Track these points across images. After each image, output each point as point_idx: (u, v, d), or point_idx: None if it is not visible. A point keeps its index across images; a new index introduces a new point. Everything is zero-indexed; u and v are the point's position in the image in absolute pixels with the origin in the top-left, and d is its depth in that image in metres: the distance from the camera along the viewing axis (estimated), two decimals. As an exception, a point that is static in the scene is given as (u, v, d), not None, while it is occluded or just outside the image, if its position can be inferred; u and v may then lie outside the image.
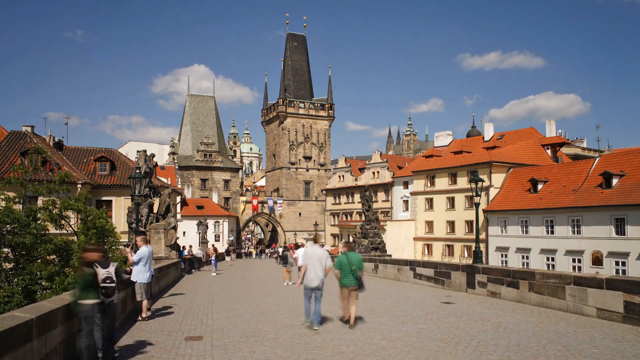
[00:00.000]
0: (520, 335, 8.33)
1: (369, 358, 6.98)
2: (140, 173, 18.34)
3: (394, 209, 56.36)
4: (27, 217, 17.01)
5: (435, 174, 48.97)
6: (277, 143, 79.37)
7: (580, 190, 35.39)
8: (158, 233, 24.76)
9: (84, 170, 34.23)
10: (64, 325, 6.16)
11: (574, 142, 60.56)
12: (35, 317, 5.14)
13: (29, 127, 34.56)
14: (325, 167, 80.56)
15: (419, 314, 10.94)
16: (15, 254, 16.33)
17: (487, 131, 54.15)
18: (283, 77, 79.63)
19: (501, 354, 7.11)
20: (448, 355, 7.05)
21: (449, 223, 46.49)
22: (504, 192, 41.59)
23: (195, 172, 73.61)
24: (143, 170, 23.71)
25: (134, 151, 55.06)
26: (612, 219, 32.18)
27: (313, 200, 79.03)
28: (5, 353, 4.41)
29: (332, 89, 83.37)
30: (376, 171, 61.21)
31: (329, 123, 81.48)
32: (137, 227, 15.97)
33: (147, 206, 24.46)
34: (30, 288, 15.53)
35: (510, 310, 11.14)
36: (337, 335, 8.53)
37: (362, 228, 29.88)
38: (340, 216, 67.61)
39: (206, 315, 11.14)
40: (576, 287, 10.40)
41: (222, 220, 65.51)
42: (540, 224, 37.07)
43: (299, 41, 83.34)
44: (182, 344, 7.99)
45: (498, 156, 43.99)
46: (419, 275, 18.35)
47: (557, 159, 46.97)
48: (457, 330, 8.92)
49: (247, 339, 8.36)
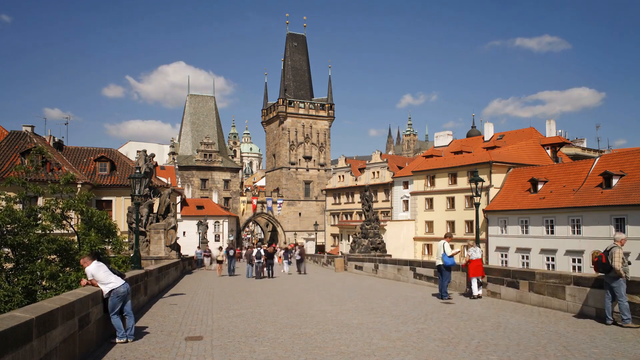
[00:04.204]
0: (520, 335, 8.33)
1: (369, 358, 6.98)
2: (140, 173, 18.30)
3: (394, 209, 56.37)
4: (28, 217, 17.04)
5: (435, 174, 48.99)
6: (277, 143, 79.38)
7: (580, 190, 35.40)
8: (158, 233, 24.79)
9: (84, 170, 34.24)
10: (64, 325, 6.16)
11: (574, 142, 60.60)
12: (35, 317, 5.14)
13: (29, 127, 34.58)
14: (325, 167, 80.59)
15: (419, 314, 10.94)
16: (15, 254, 16.34)
17: (487, 131, 54.19)
18: (283, 77, 79.66)
19: (501, 354, 7.11)
20: (448, 356, 7.05)
21: (449, 223, 46.49)
22: (504, 192, 41.60)
23: (195, 172, 73.64)
24: (143, 170, 23.73)
25: (134, 151, 55.06)
26: (612, 219, 32.19)
27: (313, 200, 79.06)
28: (5, 353, 4.41)
29: (332, 89, 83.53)
30: (376, 171, 61.21)
31: (329, 123, 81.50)
32: (137, 227, 15.96)
33: (147, 206, 24.49)
34: (30, 288, 15.55)
35: (510, 310, 11.14)
36: (337, 335, 8.54)
37: (362, 228, 29.88)
38: (340, 216, 67.61)
39: (206, 315, 11.14)
40: (576, 287, 10.40)
41: (222, 220, 65.53)
42: (540, 224, 37.07)
43: (299, 41, 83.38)
44: (182, 344, 7.99)
45: (498, 156, 44.01)
46: (419, 275, 18.36)
47: (557, 159, 46.99)
48: (457, 330, 8.92)
49: (247, 339, 8.36)
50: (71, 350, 6.39)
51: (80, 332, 6.81)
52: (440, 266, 13.49)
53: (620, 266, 8.57)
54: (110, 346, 7.75)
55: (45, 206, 17.99)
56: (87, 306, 7.24)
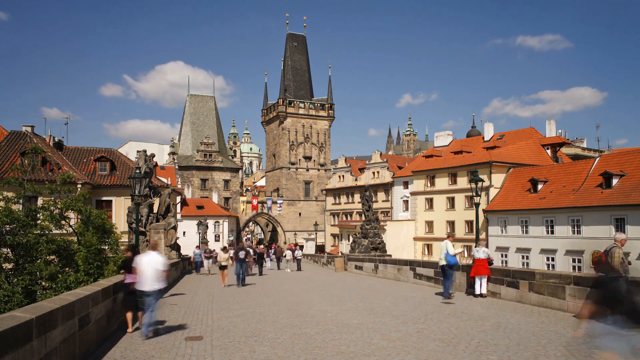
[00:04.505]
0: (520, 335, 8.33)
1: (369, 358, 6.98)
2: (140, 173, 18.32)
3: (394, 209, 56.37)
4: (27, 217, 17.03)
5: (435, 174, 48.98)
6: (277, 143, 79.38)
7: (580, 190, 35.40)
8: (158, 233, 24.78)
9: (84, 170, 34.23)
10: (64, 325, 6.16)
11: (574, 142, 60.59)
12: (35, 317, 5.14)
13: (29, 127, 34.54)
14: (325, 167, 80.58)
15: (419, 314, 10.94)
16: (15, 254, 16.34)
17: (487, 131, 54.18)
18: (283, 77, 79.65)
19: (501, 354, 7.11)
20: (448, 355, 7.05)
21: (449, 223, 46.49)
22: (504, 192, 41.59)
23: (195, 172, 73.64)
24: (143, 170, 23.73)
25: (134, 151, 55.06)
26: (612, 219, 32.18)
27: (313, 200, 79.05)
28: (5, 353, 4.41)
29: (332, 89, 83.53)
30: (376, 171, 61.22)
31: (329, 123, 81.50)
32: (137, 227, 15.97)
33: (147, 206, 24.48)
34: (30, 288, 15.55)
35: (510, 310, 11.14)
36: (337, 335, 8.54)
37: (362, 228, 29.89)
38: (340, 216, 67.61)
39: (206, 315, 11.14)
40: (576, 287, 10.41)
41: (222, 220, 65.52)
42: (540, 224, 37.07)
43: (299, 41, 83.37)
44: (182, 344, 7.99)
45: (498, 156, 44.00)
46: (419, 275, 18.36)
47: (557, 159, 46.97)
48: (457, 330, 8.92)
49: (247, 339, 8.37)
50: (71, 350, 6.39)
51: (80, 332, 6.81)
52: (444, 266, 13.64)
53: (620, 266, 8.58)
54: (111, 346, 7.76)
55: (44, 206, 17.97)
56: (87, 306, 7.25)
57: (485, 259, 13.49)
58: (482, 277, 13.36)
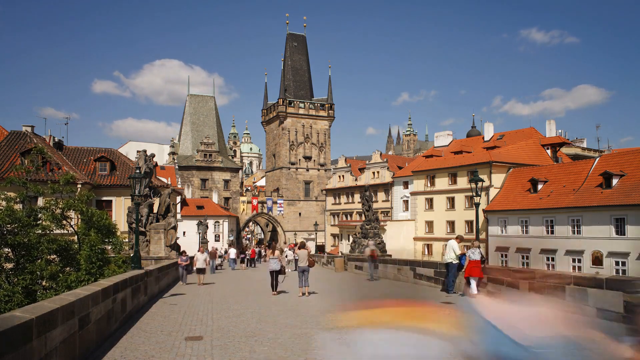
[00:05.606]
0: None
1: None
2: (140, 173, 18.32)
3: (394, 209, 56.37)
4: (28, 217, 17.05)
5: (435, 174, 48.99)
6: (277, 143, 79.39)
7: (580, 190, 35.40)
8: (158, 233, 24.79)
9: (84, 170, 34.24)
10: (64, 325, 6.16)
11: (574, 142, 60.58)
12: (35, 317, 5.14)
13: (29, 127, 34.57)
14: (325, 167, 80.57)
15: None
16: (15, 254, 16.35)
17: (487, 131, 54.18)
18: (283, 77, 79.64)
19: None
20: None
21: (449, 223, 46.49)
22: (504, 192, 41.60)
23: (195, 172, 73.64)
24: (143, 170, 23.74)
25: (134, 151, 55.04)
26: (612, 219, 32.18)
27: (313, 200, 79.04)
28: (5, 353, 4.41)
29: (332, 89, 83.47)
30: (376, 171, 61.22)
31: (329, 123, 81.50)
32: (137, 227, 15.96)
33: (147, 206, 24.50)
34: (30, 288, 15.56)
35: (510, 310, 11.12)
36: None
37: (362, 228, 29.86)
38: (340, 216, 67.62)
39: (206, 315, 11.14)
40: (576, 287, 10.40)
41: (222, 221, 65.53)
42: (540, 224, 37.07)
43: (299, 41, 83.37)
44: (182, 344, 7.99)
45: (498, 156, 44.00)
46: (419, 275, 18.35)
47: (557, 159, 46.97)
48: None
49: (247, 339, 8.37)
50: (71, 350, 6.39)
51: (80, 332, 6.81)
52: (449, 263, 14.40)
53: None
54: (110, 346, 7.76)
55: (45, 206, 18.00)
56: (87, 306, 7.25)
57: (479, 260, 13.59)
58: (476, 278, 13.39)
